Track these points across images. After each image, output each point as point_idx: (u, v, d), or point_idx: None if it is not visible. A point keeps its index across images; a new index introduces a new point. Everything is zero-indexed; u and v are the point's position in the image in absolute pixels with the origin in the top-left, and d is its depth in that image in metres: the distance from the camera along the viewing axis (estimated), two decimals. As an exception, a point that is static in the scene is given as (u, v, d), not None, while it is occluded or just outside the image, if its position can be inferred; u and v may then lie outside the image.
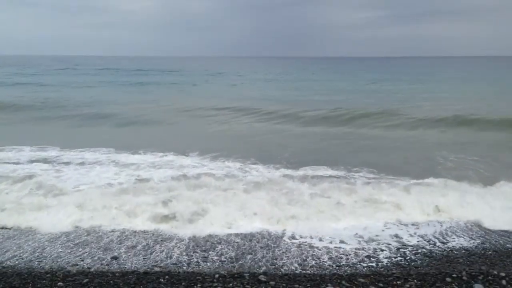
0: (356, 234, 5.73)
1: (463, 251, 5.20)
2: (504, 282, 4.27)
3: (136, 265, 4.81)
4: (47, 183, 7.55)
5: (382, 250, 5.22)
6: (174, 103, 21.25)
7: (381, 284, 4.25)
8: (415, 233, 5.78)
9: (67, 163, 9.31)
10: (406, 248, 5.27)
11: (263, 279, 4.35)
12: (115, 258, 4.99)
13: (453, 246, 5.35)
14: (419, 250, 5.21)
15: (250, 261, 4.91)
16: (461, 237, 5.66)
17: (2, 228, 5.97)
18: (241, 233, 5.72)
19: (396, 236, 5.69)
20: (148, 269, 4.65)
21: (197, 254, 5.10)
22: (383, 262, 4.89)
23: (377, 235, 5.69)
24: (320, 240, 5.54)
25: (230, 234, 5.71)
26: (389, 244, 5.40)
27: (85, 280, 4.33)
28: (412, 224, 6.10)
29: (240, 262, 4.87)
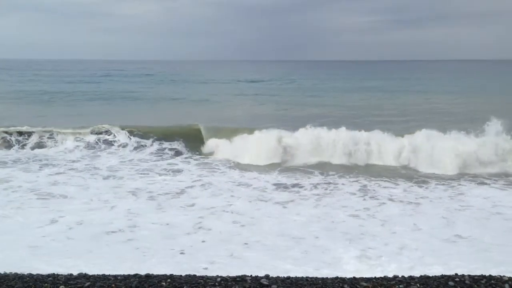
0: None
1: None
2: (507, 286, 4.23)
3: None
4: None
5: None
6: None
7: (383, 288, 4.22)
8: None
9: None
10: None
11: (265, 282, 4.32)
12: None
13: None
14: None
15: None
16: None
17: None
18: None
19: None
20: (150, 272, 4.64)
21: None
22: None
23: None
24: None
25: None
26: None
27: (87, 284, 4.31)
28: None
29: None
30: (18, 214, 7.21)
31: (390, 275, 4.59)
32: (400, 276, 4.51)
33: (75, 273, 4.67)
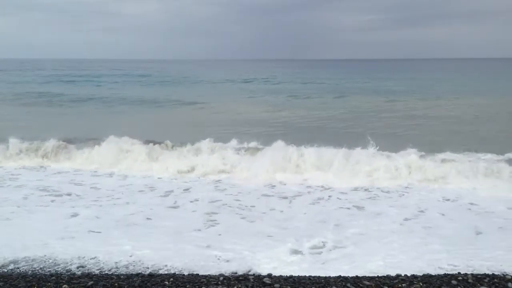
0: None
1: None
2: (510, 284, 4.24)
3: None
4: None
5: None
6: None
7: (386, 287, 4.23)
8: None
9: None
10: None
11: (267, 281, 4.33)
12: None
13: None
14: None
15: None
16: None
17: None
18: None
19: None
20: (153, 271, 4.65)
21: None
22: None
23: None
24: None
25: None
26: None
27: (90, 283, 4.32)
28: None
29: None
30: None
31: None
32: (403, 275, 4.52)
33: (79, 272, 4.68)
